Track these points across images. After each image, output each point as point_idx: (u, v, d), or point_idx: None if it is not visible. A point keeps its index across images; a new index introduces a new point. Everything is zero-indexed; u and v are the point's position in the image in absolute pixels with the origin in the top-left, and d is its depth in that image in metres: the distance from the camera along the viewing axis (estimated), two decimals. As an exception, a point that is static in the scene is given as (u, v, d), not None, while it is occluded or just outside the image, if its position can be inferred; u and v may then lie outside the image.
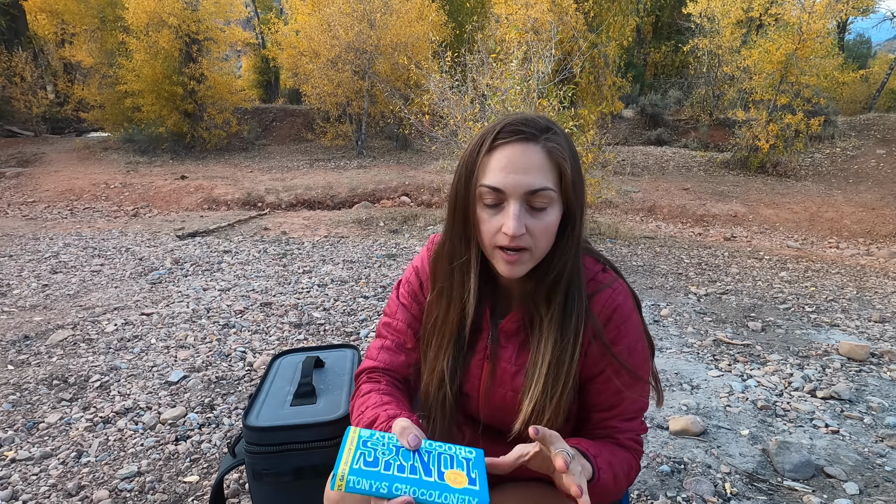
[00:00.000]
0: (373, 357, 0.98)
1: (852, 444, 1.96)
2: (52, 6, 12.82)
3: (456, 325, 0.90)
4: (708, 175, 10.11)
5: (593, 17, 10.71)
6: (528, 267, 0.81)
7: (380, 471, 0.65)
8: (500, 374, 0.89)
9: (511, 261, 0.79)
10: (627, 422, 0.88)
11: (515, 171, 0.76)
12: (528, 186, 0.75)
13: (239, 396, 2.21)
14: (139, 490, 1.62)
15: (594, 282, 0.87)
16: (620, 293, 0.86)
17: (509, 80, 5.26)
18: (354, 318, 3.19)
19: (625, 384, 0.86)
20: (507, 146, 0.77)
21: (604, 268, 0.89)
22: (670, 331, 3.15)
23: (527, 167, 0.76)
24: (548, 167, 0.77)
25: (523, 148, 0.76)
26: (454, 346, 0.91)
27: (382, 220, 6.72)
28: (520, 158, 0.76)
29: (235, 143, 12.44)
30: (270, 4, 21.39)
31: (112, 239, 5.47)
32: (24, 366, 2.47)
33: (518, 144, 0.77)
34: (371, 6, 10.64)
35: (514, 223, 0.75)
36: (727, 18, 12.61)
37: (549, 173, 0.77)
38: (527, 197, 0.76)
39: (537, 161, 0.76)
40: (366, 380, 0.95)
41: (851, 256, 6.16)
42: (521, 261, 0.79)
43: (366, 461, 0.67)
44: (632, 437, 0.89)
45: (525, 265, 0.80)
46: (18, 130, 12.37)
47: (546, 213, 0.78)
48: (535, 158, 0.76)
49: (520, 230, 0.75)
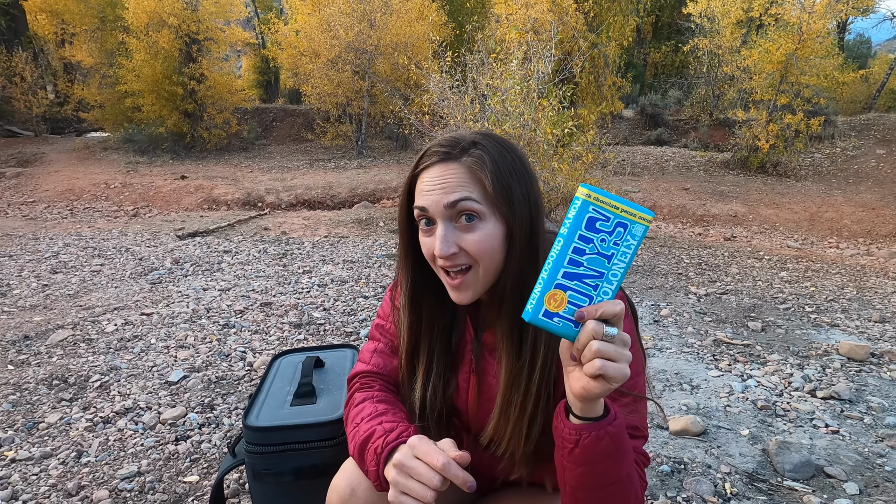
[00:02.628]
0: (365, 360, 0.97)
1: (852, 444, 1.96)
2: (52, 6, 12.82)
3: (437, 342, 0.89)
4: (708, 175, 10.11)
5: (593, 17, 10.71)
6: (478, 288, 0.79)
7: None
8: (487, 389, 0.88)
9: (455, 285, 0.78)
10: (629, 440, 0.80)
11: (433, 190, 0.76)
12: (445, 199, 0.75)
13: (239, 396, 2.21)
14: (139, 490, 1.62)
15: None
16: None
17: (509, 80, 5.26)
18: (354, 318, 3.19)
19: (609, 397, 0.75)
20: (430, 168, 0.78)
21: None
22: (670, 331, 3.15)
23: (444, 184, 0.76)
24: (468, 181, 0.76)
25: (442, 168, 0.77)
26: (441, 358, 0.90)
27: (382, 220, 6.72)
28: (439, 177, 0.76)
29: (235, 143, 12.44)
30: (270, 4, 21.39)
31: (112, 239, 5.47)
32: (24, 366, 2.47)
33: (438, 165, 0.77)
34: (371, 6, 10.64)
35: (440, 243, 0.75)
36: (727, 18, 12.62)
37: (469, 186, 0.76)
38: (449, 213, 0.75)
39: (456, 178, 0.76)
40: (359, 385, 0.94)
41: (851, 256, 6.16)
42: (466, 283, 0.78)
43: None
44: (635, 457, 0.78)
45: (472, 287, 0.78)
46: (18, 130, 12.37)
47: (477, 227, 0.76)
48: (453, 175, 0.76)
49: (447, 249, 0.75)
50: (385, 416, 0.84)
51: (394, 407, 0.88)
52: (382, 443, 0.78)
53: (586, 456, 0.67)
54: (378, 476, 0.77)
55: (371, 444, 0.80)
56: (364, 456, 0.81)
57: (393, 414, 0.85)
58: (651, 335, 3.07)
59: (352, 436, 0.85)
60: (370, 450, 0.79)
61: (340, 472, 0.87)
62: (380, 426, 0.81)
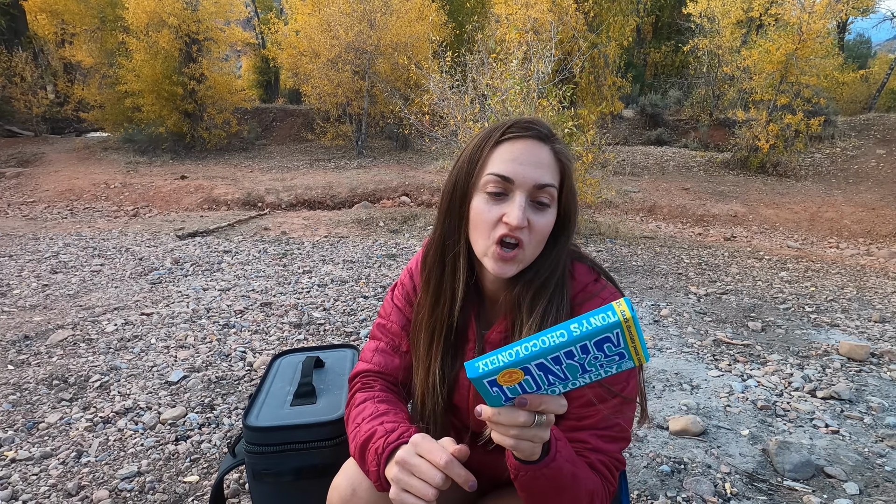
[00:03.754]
0: (367, 360, 0.97)
1: (852, 444, 1.96)
2: (52, 6, 12.81)
3: (444, 325, 0.88)
4: (708, 175, 10.11)
5: (593, 17, 10.71)
6: (518, 268, 0.80)
7: None
8: None
9: (506, 258, 0.78)
10: (602, 441, 0.79)
11: (526, 164, 0.77)
12: (537, 180, 0.77)
13: (239, 396, 2.21)
14: (139, 490, 1.62)
15: (584, 292, 0.84)
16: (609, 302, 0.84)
17: (509, 80, 5.26)
18: (354, 318, 3.19)
19: (597, 396, 0.79)
20: (519, 140, 0.79)
21: (596, 277, 0.86)
22: (670, 331, 3.15)
23: (537, 162, 0.78)
24: (554, 167, 0.79)
25: (535, 144, 0.79)
26: (443, 350, 0.89)
27: (382, 220, 6.72)
28: (531, 152, 0.78)
29: (235, 143, 12.44)
30: (270, 4, 21.38)
31: (112, 239, 5.47)
32: (24, 366, 2.47)
33: (530, 140, 0.79)
34: (371, 6, 10.64)
35: (519, 212, 0.75)
36: (727, 18, 12.62)
37: (555, 173, 0.79)
38: (533, 191, 0.77)
39: (546, 159, 0.79)
40: (360, 385, 0.94)
41: (851, 256, 6.16)
42: (516, 259, 0.78)
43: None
44: (605, 461, 0.79)
45: (516, 265, 0.79)
46: (18, 130, 12.36)
47: (546, 212, 0.79)
48: (544, 156, 0.79)
49: (523, 221, 0.76)
50: (386, 416, 0.84)
51: (395, 407, 0.88)
52: (384, 443, 0.78)
53: (526, 488, 0.72)
54: (379, 476, 0.77)
55: (372, 444, 0.80)
56: (365, 456, 0.81)
57: (394, 414, 0.85)
58: (651, 335, 3.07)
59: (353, 436, 0.85)
60: (371, 450, 0.79)
61: (341, 473, 0.87)
62: (381, 426, 0.81)
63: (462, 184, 0.82)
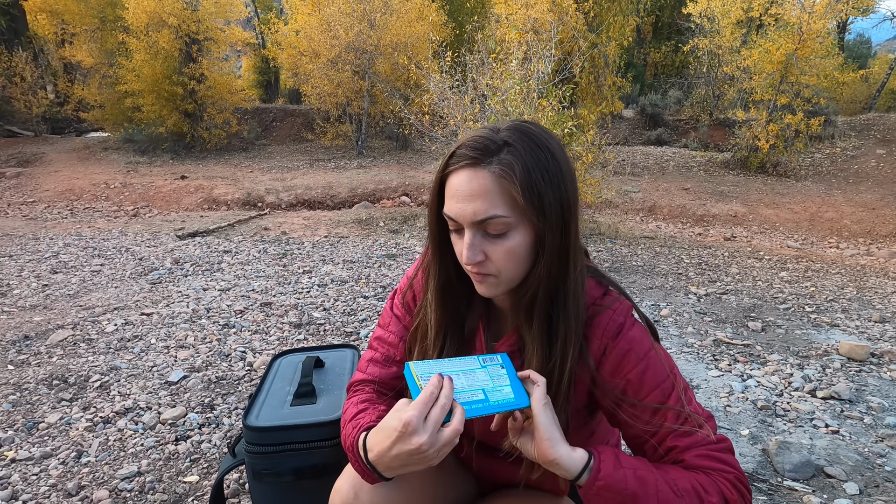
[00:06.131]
0: (363, 369, 0.98)
1: (852, 444, 1.96)
2: (52, 6, 12.81)
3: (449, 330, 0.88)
4: (708, 175, 10.11)
5: (593, 17, 10.70)
6: (500, 289, 0.79)
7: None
8: None
9: (479, 281, 0.78)
10: (685, 437, 0.75)
11: (461, 200, 0.73)
12: (475, 216, 0.72)
13: (239, 396, 2.21)
14: (139, 490, 1.62)
15: (594, 306, 0.82)
16: (621, 312, 0.81)
17: (509, 80, 5.26)
18: (354, 318, 3.19)
19: (656, 400, 0.78)
20: (456, 173, 0.74)
21: (605, 291, 0.83)
22: (670, 331, 3.15)
23: (471, 194, 0.72)
24: (496, 192, 0.71)
25: (469, 174, 0.72)
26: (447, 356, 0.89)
27: (382, 220, 6.72)
28: (465, 186, 0.72)
29: (235, 143, 12.44)
30: (270, 4, 21.39)
31: (112, 239, 5.47)
32: (24, 366, 2.47)
33: (465, 171, 0.73)
34: (371, 6, 10.64)
35: (467, 252, 0.74)
36: (727, 18, 12.62)
37: (497, 198, 0.71)
38: (478, 226, 0.73)
39: (483, 187, 0.71)
40: (352, 393, 0.95)
41: (851, 256, 6.16)
42: (488, 283, 0.78)
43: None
44: (702, 453, 0.74)
45: (494, 287, 0.78)
46: (18, 130, 12.36)
47: (505, 239, 0.73)
48: (480, 185, 0.71)
49: (474, 258, 0.74)
50: (363, 414, 0.85)
51: (373, 405, 0.88)
52: (356, 433, 0.80)
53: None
54: (363, 470, 0.78)
55: (348, 441, 0.82)
56: (350, 456, 0.82)
57: (373, 409, 0.86)
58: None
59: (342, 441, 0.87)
60: (349, 448, 0.81)
61: (343, 476, 0.87)
62: (356, 424, 0.83)
63: (432, 220, 0.83)
